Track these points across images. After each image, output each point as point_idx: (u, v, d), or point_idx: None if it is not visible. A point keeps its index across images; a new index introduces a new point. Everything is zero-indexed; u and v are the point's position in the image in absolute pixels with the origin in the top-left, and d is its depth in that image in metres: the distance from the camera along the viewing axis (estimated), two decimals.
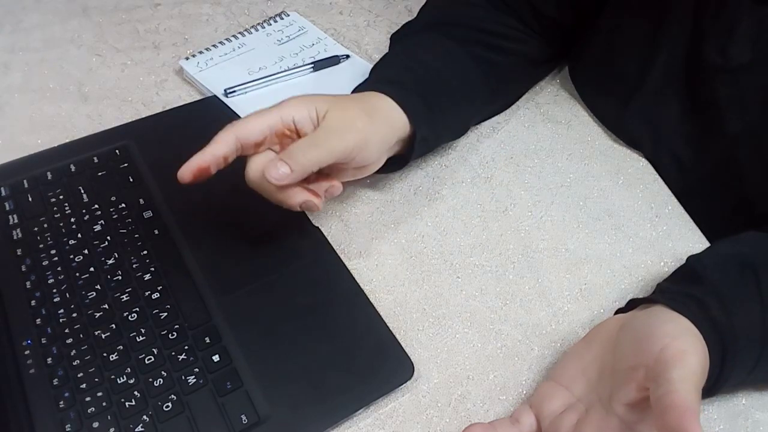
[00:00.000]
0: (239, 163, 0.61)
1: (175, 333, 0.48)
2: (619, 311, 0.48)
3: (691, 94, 0.57)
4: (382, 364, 0.47)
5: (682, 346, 0.38)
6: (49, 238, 0.53)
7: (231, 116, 0.64)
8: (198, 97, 0.67)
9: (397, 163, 0.56)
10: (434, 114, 0.55)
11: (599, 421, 0.40)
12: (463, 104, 0.60)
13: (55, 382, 0.45)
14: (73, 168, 0.58)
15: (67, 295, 0.49)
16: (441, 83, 0.57)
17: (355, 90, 0.57)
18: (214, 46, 0.72)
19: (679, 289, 0.44)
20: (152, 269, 0.51)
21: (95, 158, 0.59)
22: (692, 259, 0.48)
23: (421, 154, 0.59)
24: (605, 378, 0.42)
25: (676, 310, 0.42)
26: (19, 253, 0.52)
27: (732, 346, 0.41)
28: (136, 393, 0.45)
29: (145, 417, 0.44)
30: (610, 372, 0.42)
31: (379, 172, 0.55)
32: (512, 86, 0.66)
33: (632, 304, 0.47)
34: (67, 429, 0.43)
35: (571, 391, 0.43)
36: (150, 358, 0.46)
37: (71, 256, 0.52)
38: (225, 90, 0.66)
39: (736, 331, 0.42)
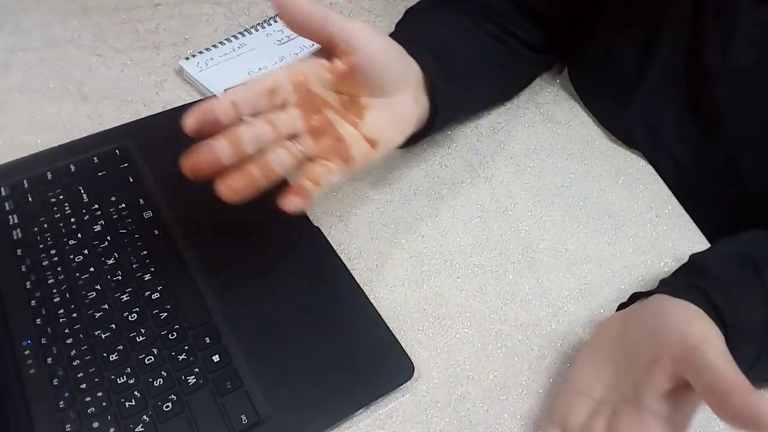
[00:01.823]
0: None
1: (175, 333, 0.48)
2: (621, 306, 0.48)
3: (690, 95, 0.57)
4: (382, 364, 0.47)
5: (702, 329, 0.38)
6: (49, 238, 0.53)
7: None
8: (198, 97, 0.67)
9: (419, 136, 0.54)
10: (450, 75, 0.53)
11: (632, 419, 0.39)
12: (477, 73, 0.58)
13: (55, 382, 0.45)
14: (73, 168, 0.58)
15: (67, 295, 0.49)
16: (454, 51, 0.56)
17: None
18: (214, 46, 0.72)
19: (683, 281, 0.44)
20: (152, 269, 0.51)
21: (95, 158, 0.59)
22: (695, 256, 0.48)
23: (444, 121, 0.55)
24: (623, 376, 0.42)
25: (681, 299, 0.42)
26: (19, 253, 0.52)
27: (734, 338, 0.41)
28: (136, 393, 0.45)
29: (145, 417, 0.44)
30: (625, 369, 0.41)
31: (402, 146, 0.51)
32: (516, 73, 0.65)
33: (634, 299, 0.47)
34: (67, 429, 0.43)
35: (592, 396, 0.42)
36: (150, 358, 0.46)
37: (71, 256, 0.52)
38: (225, 90, 0.66)
39: (739, 322, 0.42)
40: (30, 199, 0.56)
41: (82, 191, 0.56)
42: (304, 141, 0.44)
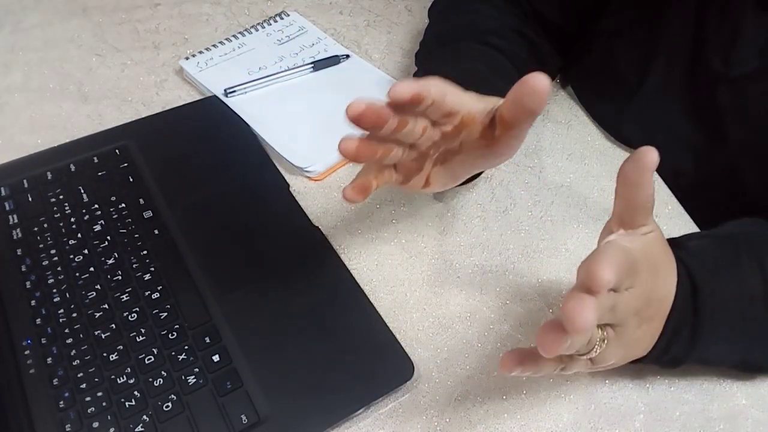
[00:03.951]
0: (239, 162, 0.61)
1: (175, 333, 0.48)
2: None
3: (690, 101, 0.57)
4: (382, 364, 0.47)
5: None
6: (49, 238, 0.53)
7: (231, 116, 0.64)
8: (198, 97, 0.67)
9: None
10: None
11: None
12: None
13: (55, 382, 0.45)
14: (73, 168, 0.58)
15: (67, 295, 0.49)
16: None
17: None
18: (214, 46, 0.72)
19: None
20: (152, 269, 0.51)
21: (95, 158, 0.59)
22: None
23: None
24: None
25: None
26: (19, 253, 0.52)
27: (709, 298, 0.42)
28: (136, 393, 0.45)
29: (145, 417, 0.44)
30: None
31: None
32: None
33: None
34: (67, 429, 0.43)
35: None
36: (150, 358, 0.46)
37: (71, 256, 0.52)
38: (225, 90, 0.66)
39: (714, 293, 0.42)
40: (30, 199, 0.56)
41: (82, 191, 0.56)
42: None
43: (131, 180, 0.58)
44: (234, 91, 0.66)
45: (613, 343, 0.39)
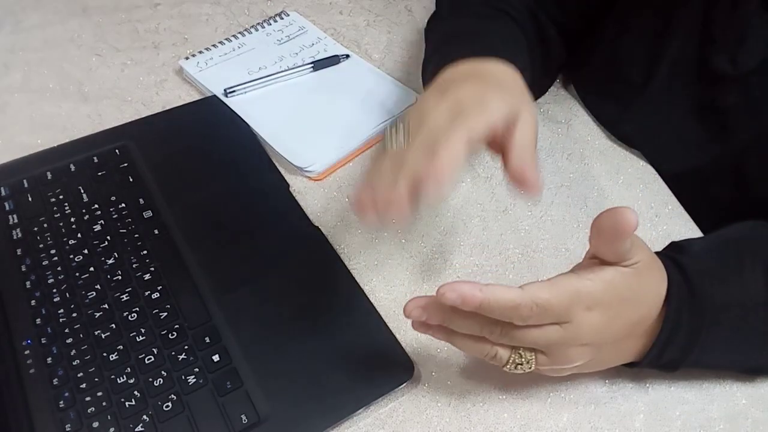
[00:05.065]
0: (239, 162, 0.61)
1: (175, 333, 0.48)
2: None
3: (696, 100, 0.57)
4: (382, 364, 0.47)
5: None
6: (49, 238, 0.53)
7: (231, 116, 0.64)
8: (198, 97, 0.67)
9: None
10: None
11: None
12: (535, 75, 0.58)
13: (55, 382, 0.45)
14: (73, 168, 0.58)
15: (67, 295, 0.49)
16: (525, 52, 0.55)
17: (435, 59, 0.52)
18: (214, 46, 0.72)
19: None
20: (152, 269, 0.51)
21: (95, 158, 0.59)
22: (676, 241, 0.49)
23: None
24: None
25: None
26: (19, 253, 0.52)
27: (701, 304, 0.42)
28: (136, 393, 0.45)
29: (145, 417, 0.44)
30: None
31: None
32: (541, 83, 0.65)
33: None
34: (67, 429, 0.43)
35: None
36: (150, 358, 0.46)
37: (71, 256, 0.52)
38: (225, 90, 0.66)
39: (714, 296, 0.42)
40: (30, 199, 0.56)
41: (82, 191, 0.56)
42: None
43: (131, 180, 0.58)
44: (234, 91, 0.66)
45: (546, 365, 0.41)
